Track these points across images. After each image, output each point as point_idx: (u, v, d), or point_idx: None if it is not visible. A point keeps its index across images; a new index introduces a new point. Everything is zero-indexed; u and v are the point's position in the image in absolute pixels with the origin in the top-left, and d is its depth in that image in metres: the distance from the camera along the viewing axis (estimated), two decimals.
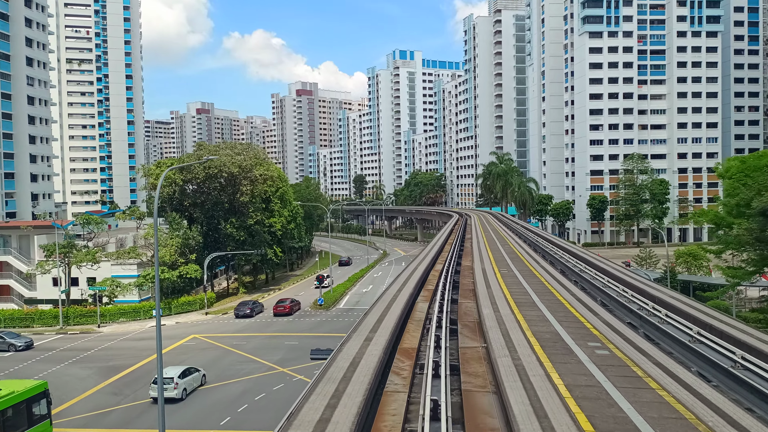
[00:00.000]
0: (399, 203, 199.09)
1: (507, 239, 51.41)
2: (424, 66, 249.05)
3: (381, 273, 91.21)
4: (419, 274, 30.73)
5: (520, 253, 39.85)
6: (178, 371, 35.46)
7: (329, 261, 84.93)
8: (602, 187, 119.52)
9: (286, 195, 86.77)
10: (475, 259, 34.68)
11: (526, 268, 32.69)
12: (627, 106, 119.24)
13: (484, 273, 29.50)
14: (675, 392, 12.38)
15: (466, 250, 43.28)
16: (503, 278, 28.24)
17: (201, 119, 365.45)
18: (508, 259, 39.30)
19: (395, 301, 22.66)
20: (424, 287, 28.37)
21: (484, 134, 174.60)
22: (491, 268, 31.92)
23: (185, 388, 35.09)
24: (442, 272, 31.31)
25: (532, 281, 28.66)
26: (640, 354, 15.16)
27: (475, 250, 40.73)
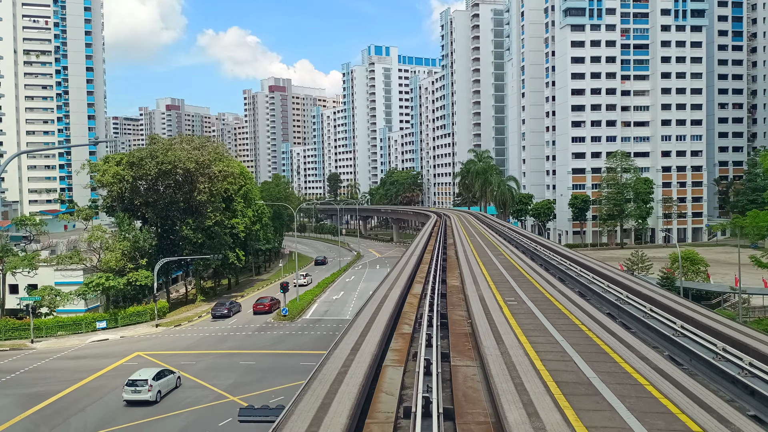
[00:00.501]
0: (374, 202, 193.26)
1: (498, 246, 45.21)
2: (400, 62, 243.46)
3: (354, 277, 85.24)
4: (390, 309, 20.64)
5: (522, 268, 31.24)
6: (152, 373, 34.65)
7: (297, 264, 78.69)
8: (584, 186, 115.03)
9: (250, 194, 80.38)
10: (465, 278, 28.07)
11: (540, 296, 23.81)
12: (610, 102, 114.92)
13: (482, 303, 20.94)
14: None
15: (450, 263, 36.37)
16: (515, 317, 19.09)
17: (171, 116, 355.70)
18: (509, 278, 29.44)
19: (340, 389, 11.89)
20: (396, 331, 18.56)
21: (462, 132, 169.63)
22: (490, 292, 24.75)
23: (159, 391, 34.22)
24: (422, 299, 23.49)
25: (559, 321, 18.63)
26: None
27: (462, 262, 33.98)
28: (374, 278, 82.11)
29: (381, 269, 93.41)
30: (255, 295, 74.69)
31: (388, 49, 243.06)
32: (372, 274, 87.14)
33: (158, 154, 63.85)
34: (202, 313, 63.42)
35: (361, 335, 16.47)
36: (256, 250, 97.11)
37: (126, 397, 33.56)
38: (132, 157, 64.87)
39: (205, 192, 65.11)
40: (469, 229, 60.36)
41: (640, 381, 12.29)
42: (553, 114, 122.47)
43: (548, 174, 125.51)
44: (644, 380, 12.32)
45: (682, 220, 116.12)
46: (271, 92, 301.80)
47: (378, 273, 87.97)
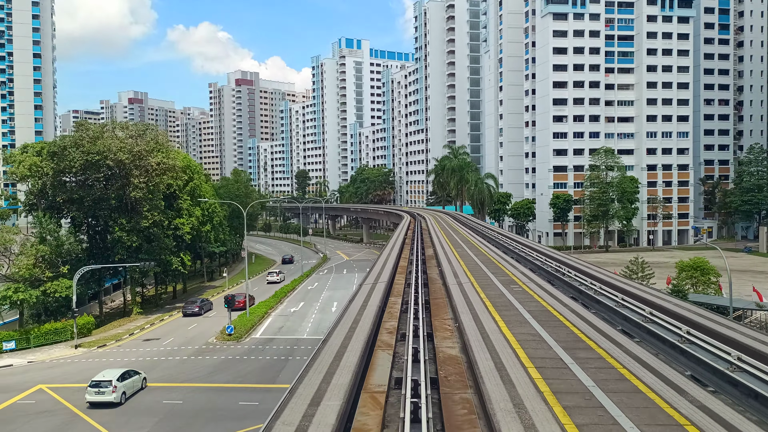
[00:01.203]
0: (344, 201, 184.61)
1: (493, 258, 36.27)
2: (372, 56, 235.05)
3: (317, 284, 76.51)
4: (349, 375, 12.31)
5: (532, 289, 22.70)
6: (116, 374, 33.57)
7: (258, 267, 69.76)
8: (566, 184, 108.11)
9: (199, 190, 71.10)
10: (458, 309, 19.17)
11: (574, 338, 15.35)
12: (594, 95, 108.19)
13: (495, 361, 12.72)
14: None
15: (434, 290, 25.13)
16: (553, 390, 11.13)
17: (133, 109, 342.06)
18: (522, 310, 19.64)
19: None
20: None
21: (436, 127, 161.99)
22: (499, 336, 15.60)
23: (124, 392, 33.25)
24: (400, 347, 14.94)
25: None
26: None
27: (452, 286, 24.22)
28: (339, 286, 73.66)
29: (348, 274, 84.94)
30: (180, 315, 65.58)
31: (359, 43, 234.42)
32: (337, 281, 78.60)
33: (84, 143, 54.37)
34: (136, 329, 54.13)
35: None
36: (210, 253, 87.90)
37: (89, 398, 32.42)
38: (54, 146, 55.23)
39: (141, 188, 55.82)
40: (450, 234, 51.81)
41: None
42: (533, 108, 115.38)
43: (527, 172, 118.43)
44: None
45: (667, 221, 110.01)
46: (238, 86, 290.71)
47: (344, 279, 79.49)
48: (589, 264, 33.34)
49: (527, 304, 20.90)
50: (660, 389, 11.10)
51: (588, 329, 16.36)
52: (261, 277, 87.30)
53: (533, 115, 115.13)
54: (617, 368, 12.63)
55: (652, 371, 12.11)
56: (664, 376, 11.79)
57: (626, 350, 13.72)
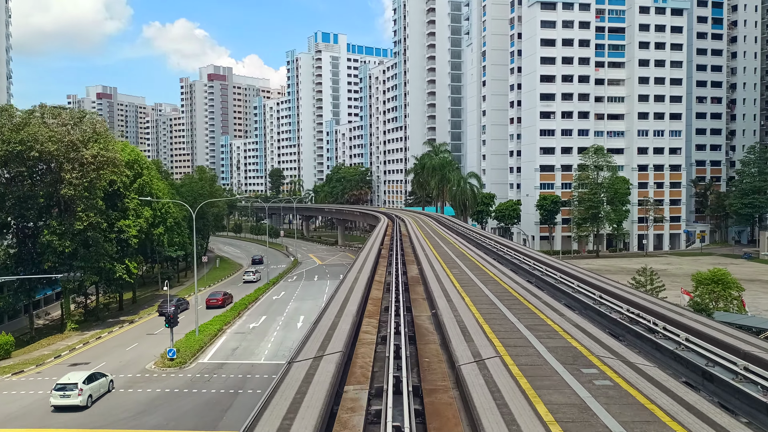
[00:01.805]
0: (318, 201, 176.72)
1: (513, 290, 26.66)
2: (350, 51, 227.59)
3: (284, 293, 68.79)
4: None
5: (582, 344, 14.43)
6: (82, 376, 32.27)
7: (221, 273, 61.91)
8: (553, 185, 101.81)
9: (150, 188, 62.94)
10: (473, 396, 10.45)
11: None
12: (583, 90, 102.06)
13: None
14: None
15: (420, 331, 16.91)
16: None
17: (102, 105, 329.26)
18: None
19: None
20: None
21: (415, 125, 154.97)
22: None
23: (91, 395, 31.98)
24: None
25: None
26: None
27: (449, 328, 15.98)
28: (308, 295, 66.09)
29: (319, 281, 77.39)
30: (150, 319, 57.52)
31: (336, 37, 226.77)
32: (307, 289, 70.99)
33: (4, 130, 46.09)
34: (65, 350, 45.95)
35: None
36: (165, 258, 79.70)
37: (54, 402, 31.31)
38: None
39: (75, 184, 47.67)
40: (437, 242, 43.50)
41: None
42: (518, 104, 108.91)
43: (512, 171, 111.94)
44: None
45: (658, 225, 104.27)
46: (211, 81, 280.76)
47: (314, 287, 71.91)
48: (610, 281, 26.37)
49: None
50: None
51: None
52: (224, 284, 79.35)
53: (519, 112, 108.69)
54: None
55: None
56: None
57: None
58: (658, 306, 18.21)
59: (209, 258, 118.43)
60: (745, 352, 12.50)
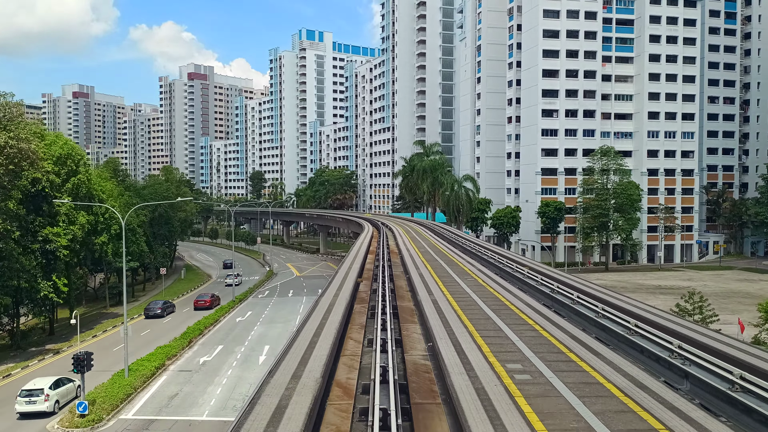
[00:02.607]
0: (300, 205, 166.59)
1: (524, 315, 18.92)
2: (336, 50, 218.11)
3: (250, 314, 58.63)
4: None
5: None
6: (49, 381, 31.61)
7: (186, 285, 51.69)
8: (556, 190, 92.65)
9: (87, 188, 52.60)
10: None
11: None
12: (589, 87, 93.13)
13: None
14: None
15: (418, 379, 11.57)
16: None
17: (78, 104, 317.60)
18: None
19: None
20: None
21: (404, 125, 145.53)
22: None
23: (58, 401, 31.35)
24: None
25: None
26: None
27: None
28: (279, 317, 56.10)
29: (294, 298, 67.38)
30: (85, 347, 47.17)
31: (321, 35, 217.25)
32: (279, 308, 60.93)
33: None
34: None
35: None
36: (116, 270, 69.24)
37: (19, 409, 30.36)
38: None
39: None
40: (439, 264, 32.99)
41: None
42: (517, 102, 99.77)
43: (509, 175, 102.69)
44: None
45: (669, 235, 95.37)
46: (191, 80, 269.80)
47: (288, 306, 61.87)
48: (644, 305, 18.14)
49: None
50: None
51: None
52: (185, 300, 69.06)
53: (517, 110, 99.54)
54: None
55: None
56: None
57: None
58: (728, 346, 13.42)
59: (177, 267, 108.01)
60: None
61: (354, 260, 34.29)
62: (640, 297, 59.09)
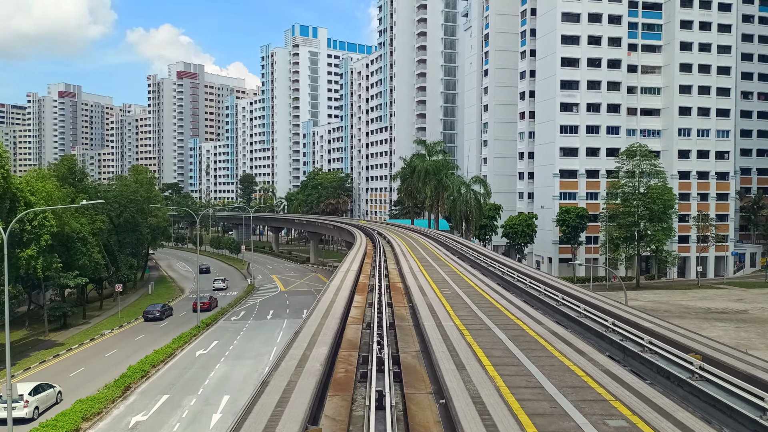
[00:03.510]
0: (291, 210, 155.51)
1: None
2: (331, 47, 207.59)
3: (215, 345, 47.40)
4: None
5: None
6: (28, 387, 31.23)
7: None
8: (576, 194, 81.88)
9: (5, 188, 41.42)
10: None
11: None
12: (613, 78, 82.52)
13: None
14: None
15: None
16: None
17: (64, 104, 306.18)
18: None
19: None
20: None
21: (403, 125, 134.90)
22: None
23: (37, 407, 31.20)
24: None
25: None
26: None
27: None
28: (250, 350, 45.07)
29: (273, 322, 56.36)
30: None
31: (315, 31, 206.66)
32: (252, 337, 49.81)
33: None
34: None
35: None
36: (61, 287, 58.20)
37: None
38: None
39: None
40: (476, 319, 21.69)
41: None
42: (531, 96, 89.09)
43: (521, 177, 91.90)
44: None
45: (703, 246, 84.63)
46: (180, 79, 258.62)
47: (263, 333, 50.77)
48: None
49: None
50: None
51: None
52: (136, 328, 57.89)
53: (531, 104, 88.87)
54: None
55: None
56: None
57: None
58: None
59: (151, 278, 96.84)
60: None
61: (336, 292, 23.13)
62: (693, 325, 48.25)
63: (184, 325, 55.03)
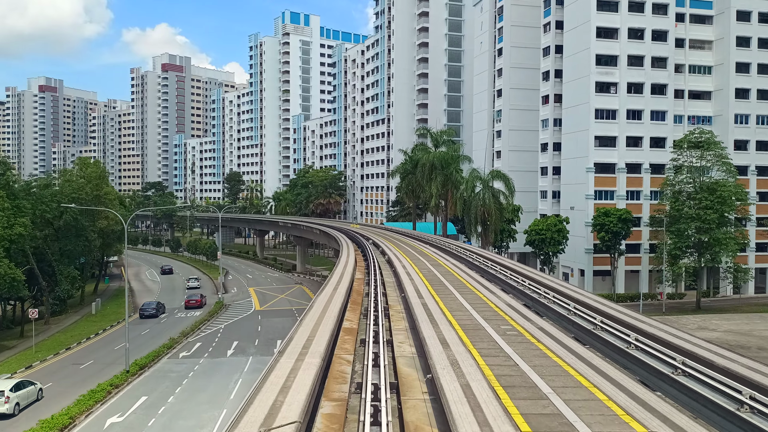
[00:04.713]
0: (279, 210, 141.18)
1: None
2: (324, 36, 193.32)
3: (139, 407, 32.51)
4: None
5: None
6: (9, 384, 31.42)
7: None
8: (614, 193, 67.67)
9: None
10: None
11: None
12: (659, 53, 68.39)
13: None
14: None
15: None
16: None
17: (45, 98, 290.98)
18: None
19: None
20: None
21: (401, 116, 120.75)
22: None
23: (18, 403, 31.17)
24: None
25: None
26: None
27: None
28: (188, 416, 30.44)
29: (233, 360, 41.99)
30: None
31: (307, 18, 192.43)
32: (198, 388, 35.16)
33: None
34: None
35: None
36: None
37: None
38: None
39: None
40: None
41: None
42: (556, 75, 74.88)
43: (544, 173, 77.61)
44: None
45: (763, 255, 70.53)
46: (165, 71, 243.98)
47: (214, 381, 36.14)
48: None
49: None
50: None
51: None
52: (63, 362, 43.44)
53: (557, 87, 74.68)
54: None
55: None
56: None
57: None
58: None
59: (108, 290, 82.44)
60: None
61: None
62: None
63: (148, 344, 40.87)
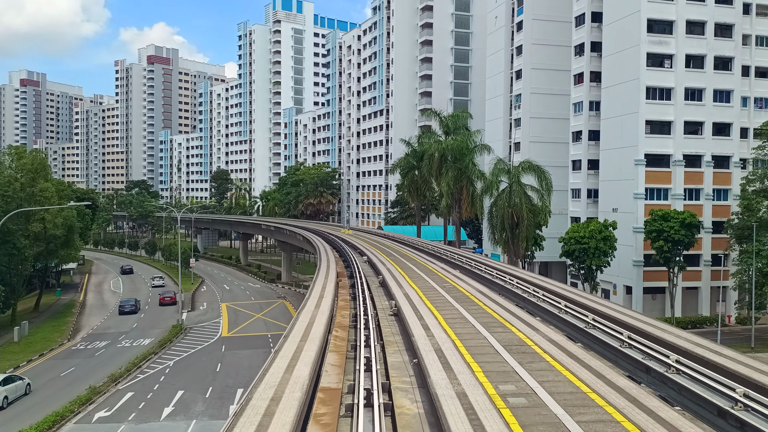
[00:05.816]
0: (267, 211, 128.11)
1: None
2: (318, 25, 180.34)
3: None
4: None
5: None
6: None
7: None
8: (668, 192, 54.66)
9: None
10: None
11: None
12: (723, 19, 55.43)
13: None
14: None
15: None
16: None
17: (27, 93, 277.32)
18: None
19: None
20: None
21: (402, 106, 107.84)
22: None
23: (6, 396, 32.36)
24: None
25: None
26: None
27: None
28: None
29: (167, 426, 28.72)
30: None
31: (300, 5, 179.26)
32: None
33: None
34: None
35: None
36: None
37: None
38: None
39: None
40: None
41: None
42: (593, 49, 61.85)
43: (577, 168, 64.44)
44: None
45: None
46: (150, 64, 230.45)
47: None
48: None
49: None
50: None
51: None
52: None
53: (593, 62, 61.62)
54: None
55: None
56: None
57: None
58: None
59: (55, 305, 69.26)
60: None
61: None
62: None
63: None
